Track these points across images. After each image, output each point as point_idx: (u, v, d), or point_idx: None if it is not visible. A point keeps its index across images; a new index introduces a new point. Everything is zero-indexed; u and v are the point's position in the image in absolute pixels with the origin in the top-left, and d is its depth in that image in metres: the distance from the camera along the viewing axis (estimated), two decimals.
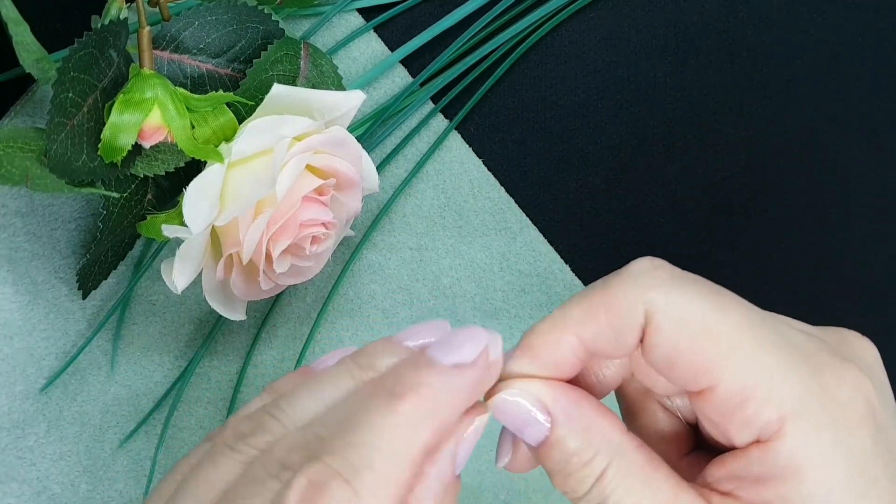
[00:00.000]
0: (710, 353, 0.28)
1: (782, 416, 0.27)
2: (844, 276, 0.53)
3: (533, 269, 0.51)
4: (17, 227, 0.47)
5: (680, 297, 0.28)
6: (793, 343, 0.29)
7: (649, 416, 0.33)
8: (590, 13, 0.53)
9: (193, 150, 0.39)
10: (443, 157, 0.51)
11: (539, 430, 0.29)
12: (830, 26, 0.54)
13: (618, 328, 0.29)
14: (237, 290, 0.42)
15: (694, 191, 0.52)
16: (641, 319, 0.29)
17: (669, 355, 0.28)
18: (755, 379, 0.28)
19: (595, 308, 0.29)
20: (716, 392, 0.28)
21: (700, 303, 0.28)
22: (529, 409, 0.29)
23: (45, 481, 0.46)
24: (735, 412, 0.28)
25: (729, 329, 0.28)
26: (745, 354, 0.28)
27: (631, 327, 0.29)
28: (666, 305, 0.28)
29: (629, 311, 0.29)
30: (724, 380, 0.28)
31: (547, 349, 0.30)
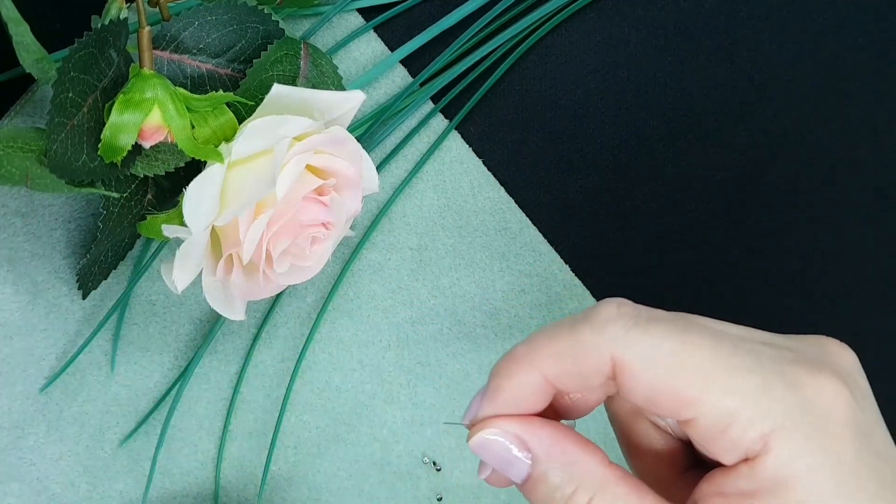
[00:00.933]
0: (687, 390, 0.29)
1: (766, 434, 0.28)
2: (844, 276, 0.53)
3: (533, 269, 0.51)
4: (17, 227, 0.47)
5: (648, 341, 0.29)
6: (766, 363, 0.29)
7: (642, 434, 0.33)
8: (589, 13, 0.53)
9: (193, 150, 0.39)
10: (443, 157, 0.51)
11: (521, 468, 0.30)
12: (830, 26, 0.54)
13: (585, 374, 0.30)
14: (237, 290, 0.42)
15: (694, 191, 0.52)
16: (609, 368, 0.29)
17: (648, 396, 0.29)
18: (735, 405, 0.28)
19: (562, 353, 0.30)
20: (698, 422, 0.29)
21: (667, 343, 0.29)
22: (509, 447, 0.30)
23: (45, 481, 0.46)
24: (719, 437, 0.29)
25: (701, 363, 0.29)
26: (721, 385, 0.28)
27: (598, 374, 0.30)
28: (634, 353, 0.29)
29: (596, 359, 0.29)
30: (705, 411, 0.28)
31: (515, 390, 0.31)
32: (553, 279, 0.51)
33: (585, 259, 0.51)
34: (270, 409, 0.49)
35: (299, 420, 0.49)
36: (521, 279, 0.51)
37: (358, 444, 0.49)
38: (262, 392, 0.49)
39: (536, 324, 0.50)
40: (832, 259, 0.53)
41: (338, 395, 0.49)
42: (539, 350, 0.30)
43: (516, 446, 0.30)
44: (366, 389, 0.49)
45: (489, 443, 0.30)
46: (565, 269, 0.51)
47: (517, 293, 0.51)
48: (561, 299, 0.51)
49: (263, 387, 0.49)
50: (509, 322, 0.50)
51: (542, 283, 0.51)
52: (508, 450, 0.30)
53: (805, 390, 0.29)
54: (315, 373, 0.49)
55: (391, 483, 0.49)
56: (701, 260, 0.52)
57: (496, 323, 0.50)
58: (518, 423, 0.30)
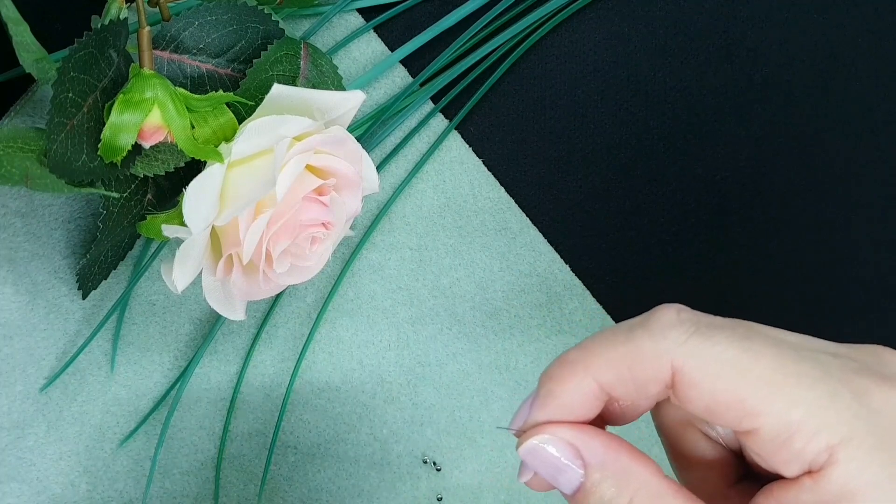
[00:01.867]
0: (749, 400, 0.28)
1: (832, 446, 0.27)
2: (844, 276, 0.53)
3: (533, 269, 0.51)
4: (17, 227, 0.47)
5: (710, 349, 0.28)
6: (830, 371, 0.28)
7: (691, 445, 0.32)
8: (589, 13, 0.53)
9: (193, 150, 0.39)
10: (443, 157, 0.51)
11: (573, 477, 0.29)
12: (830, 26, 0.54)
13: (642, 381, 0.29)
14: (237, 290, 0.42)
15: (694, 191, 0.52)
16: (668, 376, 0.28)
17: (708, 405, 0.28)
18: (799, 416, 0.27)
19: (619, 360, 0.29)
20: (760, 433, 0.28)
21: (730, 352, 0.28)
22: (561, 455, 0.29)
23: (45, 481, 0.46)
24: (782, 449, 0.28)
25: (765, 372, 0.28)
26: (786, 394, 0.28)
27: (656, 382, 0.29)
28: (696, 361, 0.28)
29: (655, 367, 0.29)
30: (768, 421, 0.28)
31: (567, 395, 0.30)
32: (553, 279, 0.51)
33: (585, 259, 0.51)
34: (270, 409, 0.49)
35: (299, 420, 0.49)
36: (521, 279, 0.51)
37: (358, 444, 0.49)
38: (262, 392, 0.49)
39: (536, 324, 0.50)
40: (832, 259, 0.53)
41: (338, 395, 0.49)
42: (594, 355, 0.29)
43: (569, 454, 0.29)
44: (366, 389, 0.49)
45: (540, 450, 0.29)
46: (565, 269, 0.51)
47: (517, 293, 0.51)
48: (561, 299, 0.51)
49: (263, 387, 0.49)
50: (509, 322, 0.50)
51: (542, 283, 0.51)
52: (560, 458, 0.29)
53: (872, 401, 0.28)
54: (315, 373, 0.49)
55: (391, 483, 0.49)
56: (701, 260, 0.52)
57: (496, 323, 0.50)
58: (571, 431, 0.29)
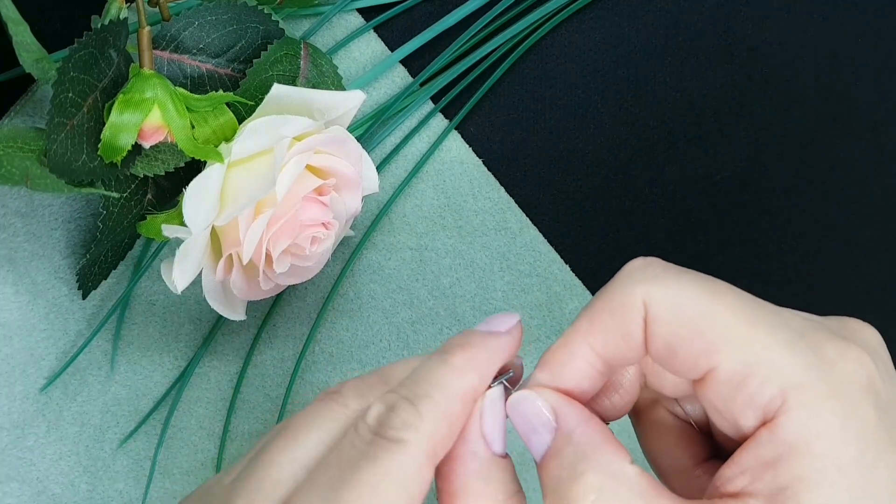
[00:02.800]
0: (707, 336, 0.28)
1: (784, 391, 0.27)
2: (844, 276, 0.53)
3: (533, 269, 0.51)
4: (17, 227, 0.47)
5: (674, 285, 0.29)
6: (790, 323, 0.29)
7: (660, 424, 0.33)
8: (589, 13, 0.53)
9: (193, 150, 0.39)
10: (443, 157, 0.51)
11: (543, 439, 0.30)
12: (830, 26, 0.54)
13: (624, 328, 0.30)
14: (237, 290, 0.42)
15: (694, 191, 0.52)
16: (643, 313, 0.29)
17: (669, 342, 0.29)
18: (754, 357, 0.28)
19: (599, 314, 0.30)
20: (716, 374, 0.28)
21: (694, 289, 0.29)
22: (540, 413, 0.30)
23: (45, 481, 0.46)
24: (737, 392, 0.28)
25: (724, 311, 0.28)
26: (742, 334, 0.28)
27: (636, 324, 0.29)
28: (661, 295, 0.29)
29: (630, 308, 0.29)
30: (724, 361, 0.28)
31: (563, 365, 0.31)
32: (553, 279, 0.51)
33: (585, 259, 0.51)
34: (270, 409, 0.49)
35: None
36: (521, 279, 0.51)
37: None
38: (262, 392, 0.49)
39: (536, 324, 0.50)
40: (833, 259, 0.53)
41: None
42: (580, 320, 0.30)
43: (546, 418, 0.30)
44: None
45: (523, 404, 0.30)
46: (565, 269, 0.51)
47: (517, 293, 0.51)
48: (561, 299, 0.51)
49: (263, 387, 0.49)
50: None
51: (542, 283, 0.51)
52: (538, 416, 0.30)
53: (826, 352, 0.28)
54: (315, 373, 0.49)
55: None
56: (701, 260, 0.52)
57: None
58: (555, 396, 0.30)
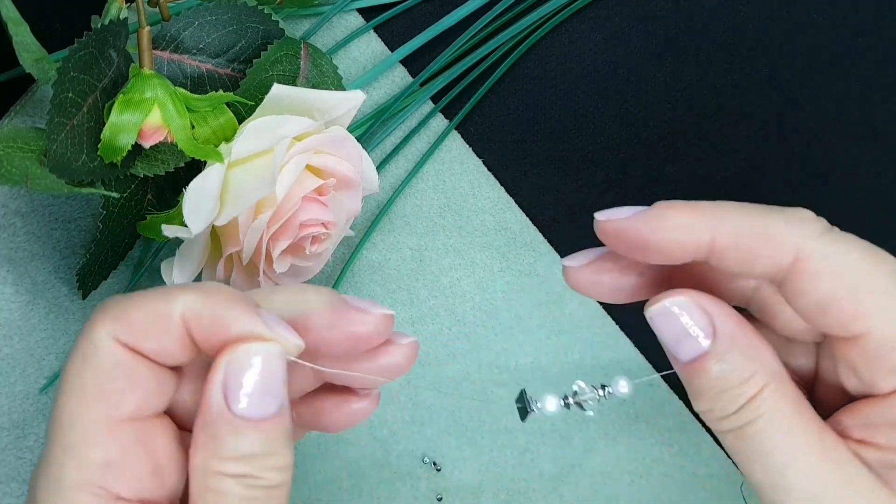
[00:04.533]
0: (866, 300, 0.28)
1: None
2: None
3: (533, 269, 0.51)
4: (18, 227, 0.47)
5: (838, 246, 0.29)
6: None
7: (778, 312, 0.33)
8: (589, 13, 0.53)
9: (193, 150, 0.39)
10: (443, 157, 0.51)
11: (696, 346, 0.29)
12: (830, 26, 0.54)
13: (758, 256, 0.29)
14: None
15: (694, 191, 0.52)
16: (787, 260, 0.29)
17: (821, 301, 0.29)
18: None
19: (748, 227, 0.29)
20: (866, 339, 0.28)
21: (857, 253, 0.29)
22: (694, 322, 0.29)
23: None
24: (886, 357, 0.28)
25: (886, 279, 0.28)
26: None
27: (772, 262, 0.29)
28: (824, 254, 0.29)
29: (781, 246, 0.29)
30: (877, 327, 0.28)
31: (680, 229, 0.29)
32: (553, 279, 0.51)
33: None
34: None
35: None
36: (521, 279, 0.51)
37: (358, 444, 0.49)
38: None
39: (536, 324, 0.50)
40: None
41: None
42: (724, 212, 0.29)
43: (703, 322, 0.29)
44: None
45: (672, 313, 0.29)
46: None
47: (517, 293, 0.51)
48: (561, 299, 0.51)
49: None
50: (509, 322, 0.50)
51: (542, 283, 0.51)
52: (692, 324, 0.29)
53: None
54: None
55: (391, 483, 0.49)
56: None
57: (496, 323, 0.50)
58: (708, 300, 0.29)
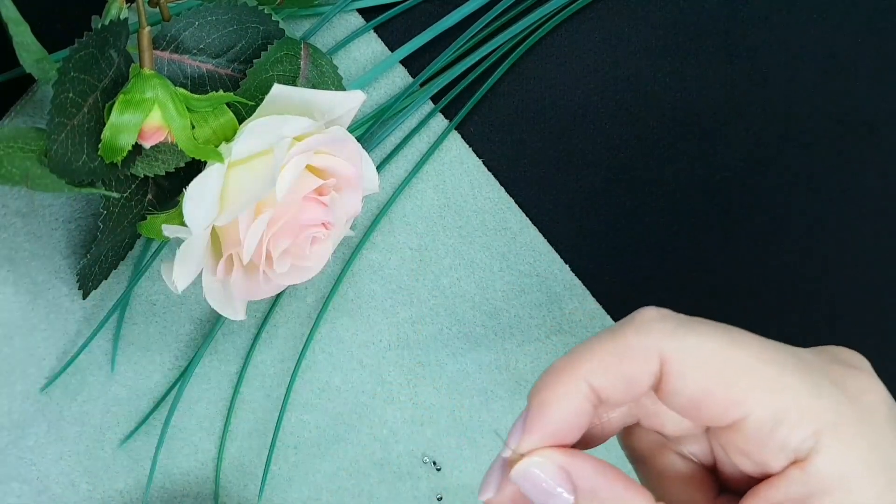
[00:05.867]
0: (736, 387, 0.28)
1: (817, 432, 0.28)
2: (844, 276, 0.53)
3: (533, 269, 0.51)
4: (18, 227, 0.47)
5: (695, 340, 0.29)
6: (808, 362, 0.29)
7: (667, 466, 0.33)
8: (589, 13, 0.53)
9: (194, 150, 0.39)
10: (443, 157, 0.51)
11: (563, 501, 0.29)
12: (830, 26, 0.54)
13: (631, 376, 0.29)
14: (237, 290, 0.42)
15: (694, 191, 0.52)
16: (656, 367, 0.29)
17: (694, 397, 0.29)
18: (785, 402, 0.28)
19: (608, 357, 0.29)
20: (746, 423, 0.28)
21: (715, 342, 0.29)
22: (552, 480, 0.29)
23: (46, 481, 0.46)
24: (769, 438, 0.28)
25: (750, 360, 0.28)
26: (771, 380, 0.28)
27: (646, 375, 0.29)
28: (683, 351, 0.29)
29: (644, 359, 0.29)
30: (755, 409, 0.28)
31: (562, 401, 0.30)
32: (553, 279, 0.51)
33: (585, 259, 0.51)
34: (270, 409, 0.49)
35: (299, 420, 0.49)
36: (521, 279, 0.51)
37: (358, 444, 0.49)
38: (262, 392, 0.49)
39: (536, 324, 0.50)
40: (832, 259, 0.53)
41: (338, 395, 0.49)
42: (583, 359, 0.30)
43: (560, 479, 0.29)
44: (366, 389, 0.49)
45: (532, 474, 0.29)
46: (565, 269, 0.51)
47: (517, 293, 0.51)
48: (561, 299, 0.51)
49: (263, 387, 0.49)
50: (509, 322, 0.50)
51: (542, 283, 0.51)
52: (551, 483, 0.29)
53: (848, 388, 0.29)
54: (315, 373, 0.49)
55: (391, 483, 0.49)
56: (701, 260, 0.52)
57: (496, 323, 0.50)
58: (563, 455, 0.29)
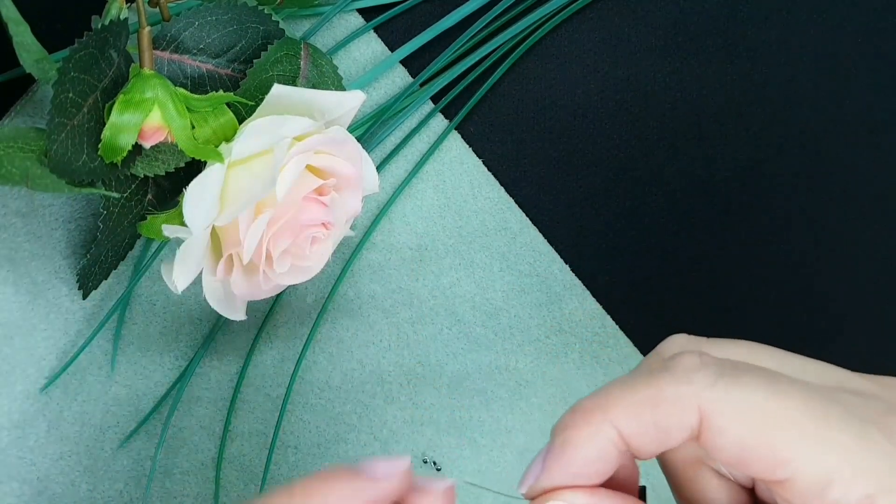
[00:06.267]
0: (781, 445, 0.27)
1: (871, 495, 0.26)
2: (844, 276, 0.53)
3: (533, 269, 0.51)
4: (18, 227, 0.47)
5: (738, 393, 0.27)
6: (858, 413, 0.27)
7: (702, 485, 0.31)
8: (589, 14, 0.53)
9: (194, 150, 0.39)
10: (442, 157, 0.51)
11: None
12: (830, 26, 0.54)
13: (666, 428, 0.28)
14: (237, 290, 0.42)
15: (694, 191, 0.52)
16: (695, 422, 0.27)
17: (738, 454, 0.27)
18: (835, 461, 0.26)
19: (641, 405, 0.28)
20: (793, 483, 0.27)
21: (759, 394, 0.27)
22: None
23: (46, 481, 0.46)
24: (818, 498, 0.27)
25: (795, 414, 0.27)
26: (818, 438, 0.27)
27: (681, 429, 0.27)
28: (724, 406, 0.27)
29: (680, 411, 0.27)
30: (802, 469, 0.27)
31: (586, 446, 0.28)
32: (553, 279, 0.51)
33: (585, 259, 0.51)
34: (270, 409, 0.49)
35: (299, 420, 0.49)
36: (521, 279, 0.51)
37: (358, 444, 0.49)
38: (262, 392, 0.49)
39: (536, 324, 0.50)
40: (832, 258, 0.53)
41: (338, 395, 0.49)
42: (613, 401, 0.28)
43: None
44: (366, 389, 0.49)
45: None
46: (565, 269, 0.51)
47: (517, 293, 0.51)
48: (561, 299, 0.51)
49: (263, 387, 0.49)
50: (509, 322, 0.50)
51: (542, 283, 0.51)
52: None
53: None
54: (315, 373, 0.49)
55: None
56: (701, 259, 0.52)
57: (496, 323, 0.50)
58: (586, 496, 0.28)
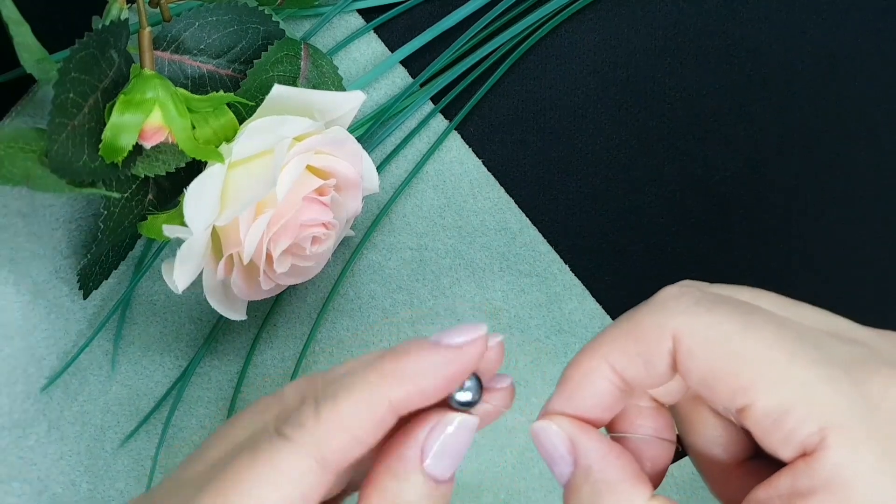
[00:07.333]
0: (743, 373, 0.28)
1: (823, 429, 0.27)
2: (844, 276, 0.53)
3: (533, 269, 0.51)
4: (19, 227, 0.47)
5: (707, 319, 0.28)
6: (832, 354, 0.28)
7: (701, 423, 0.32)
8: (589, 14, 0.53)
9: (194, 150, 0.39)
10: (443, 157, 0.51)
11: (563, 470, 0.30)
12: (830, 26, 0.54)
13: (647, 356, 0.29)
14: (237, 290, 0.42)
15: (694, 191, 0.52)
16: (669, 345, 0.28)
17: (704, 378, 0.28)
18: (791, 394, 0.27)
19: (623, 337, 0.29)
20: (753, 410, 0.28)
21: (728, 324, 0.28)
22: (558, 445, 0.30)
23: (46, 481, 0.46)
24: (774, 428, 0.27)
25: (760, 346, 0.28)
26: (779, 370, 0.27)
27: (660, 354, 0.29)
28: (693, 329, 0.28)
29: (656, 338, 0.29)
30: (760, 397, 0.27)
31: (584, 381, 0.30)
32: (553, 279, 0.51)
33: (585, 259, 0.51)
34: None
35: None
36: (521, 279, 0.51)
37: None
38: (262, 392, 0.49)
39: (536, 324, 0.50)
40: (833, 258, 0.53)
41: None
42: (604, 340, 0.30)
43: (563, 448, 0.29)
44: None
45: (543, 434, 0.30)
46: (565, 269, 0.51)
47: (517, 293, 0.51)
48: (561, 299, 0.51)
49: (264, 387, 0.49)
50: (509, 322, 0.50)
51: (542, 283, 0.51)
52: (556, 447, 0.29)
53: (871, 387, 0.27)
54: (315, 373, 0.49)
55: None
56: (701, 260, 0.52)
57: (496, 323, 0.50)
58: (572, 426, 0.30)
